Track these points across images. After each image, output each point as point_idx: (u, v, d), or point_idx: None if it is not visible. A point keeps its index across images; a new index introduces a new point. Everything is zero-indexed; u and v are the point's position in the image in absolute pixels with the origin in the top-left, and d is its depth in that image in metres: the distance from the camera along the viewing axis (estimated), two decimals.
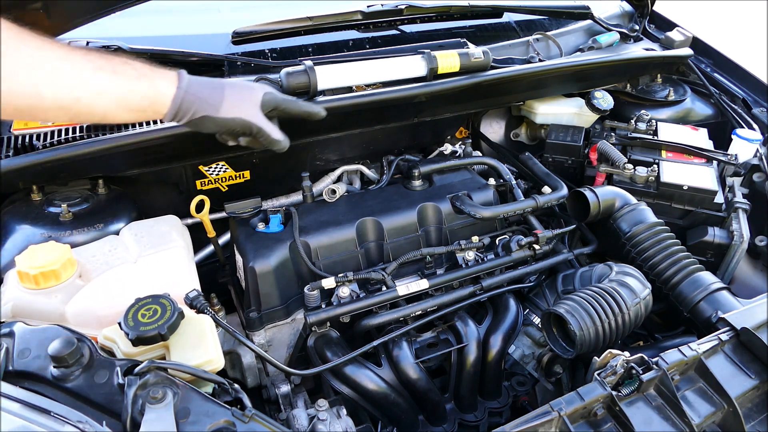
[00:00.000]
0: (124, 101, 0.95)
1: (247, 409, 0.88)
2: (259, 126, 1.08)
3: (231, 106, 1.04)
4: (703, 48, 2.10)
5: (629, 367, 1.01)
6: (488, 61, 1.57)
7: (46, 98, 0.89)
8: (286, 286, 1.30)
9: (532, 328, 1.44)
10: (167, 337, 0.94)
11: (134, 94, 0.96)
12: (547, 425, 0.94)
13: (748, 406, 1.05)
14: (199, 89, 1.02)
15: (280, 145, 1.13)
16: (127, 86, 0.95)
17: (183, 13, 1.76)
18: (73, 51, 0.91)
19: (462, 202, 1.43)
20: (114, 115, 0.97)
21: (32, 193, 1.31)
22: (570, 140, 1.79)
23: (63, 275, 1.07)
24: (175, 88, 1.00)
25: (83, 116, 0.96)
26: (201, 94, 1.02)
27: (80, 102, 0.91)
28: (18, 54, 0.85)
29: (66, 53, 0.90)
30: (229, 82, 1.07)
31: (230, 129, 1.07)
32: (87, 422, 0.78)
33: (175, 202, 1.52)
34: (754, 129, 1.82)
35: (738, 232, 1.53)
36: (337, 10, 1.59)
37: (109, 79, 0.93)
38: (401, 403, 1.28)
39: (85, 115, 0.95)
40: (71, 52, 0.91)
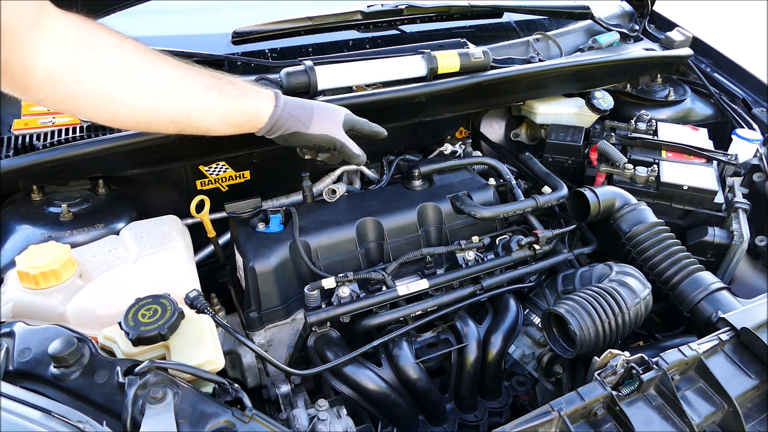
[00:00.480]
0: (227, 117, 1.05)
1: (247, 409, 0.88)
2: (342, 142, 1.19)
3: (319, 124, 1.15)
4: (703, 48, 2.10)
5: (629, 367, 1.01)
6: (488, 61, 1.57)
7: (163, 114, 0.99)
8: (286, 286, 1.30)
9: (532, 328, 1.44)
10: (167, 337, 0.94)
11: (236, 111, 1.06)
12: (547, 425, 0.94)
13: (748, 406, 1.05)
14: (292, 108, 1.12)
15: (359, 159, 1.25)
16: (231, 105, 1.05)
17: (183, 13, 1.76)
18: (188, 70, 1.01)
19: (462, 202, 1.43)
20: (216, 129, 1.07)
21: (32, 193, 1.31)
22: (570, 140, 1.79)
23: (63, 275, 1.07)
24: (272, 106, 1.10)
25: (190, 129, 1.05)
26: (294, 112, 1.12)
27: (191, 117, 1.01)
28: (143, 72, 0.94)
29: (182, 73, 0.99)
30: (317, 104, 1.18)
31: (317, 144, 1.18)
32: (87, 422, 0.78)
33: (175, 202, 1.52)
34: (754, 129, 1.82)
35: (738, 232, 1.53)
36: (337, 10, 1.59)
37: (216, 99, 1.03)
38: (401, 403, 1.28)
39: (191, 128, 1.04)
40: (186, 72, 1.00)
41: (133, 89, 0.94)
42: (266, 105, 1.10)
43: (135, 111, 0.96)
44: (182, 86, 0.99)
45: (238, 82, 1.08)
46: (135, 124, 1.01)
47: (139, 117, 0.97)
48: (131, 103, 0.95)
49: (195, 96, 1.00)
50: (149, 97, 0.96)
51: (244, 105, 1.07)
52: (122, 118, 0.97)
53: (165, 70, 0.97)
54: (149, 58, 0.96)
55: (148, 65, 0.95)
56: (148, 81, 0.95)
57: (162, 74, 0.97)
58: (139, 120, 0.98)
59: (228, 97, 1.04)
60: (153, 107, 0.97)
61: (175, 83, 0.98)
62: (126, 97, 0.94)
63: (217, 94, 1.03)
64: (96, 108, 0.93)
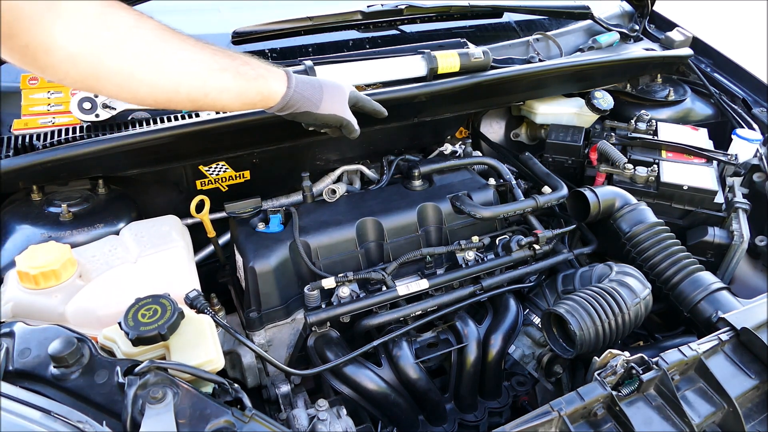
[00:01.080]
0: (242, 97, 1.08)
1: (247, 409, 0.88)
2: (348, 119, 1.23)
3: (328, 103, 1.19)
4: (703, 48, 2.10)
5: (629, 367, 1.01)
6: (488, 61, 1.57)
7: (181, 93, 1.01)
8: (286, 286, 1.30)
9: (532, 328, 1.44)
10: (167, 337, 0.94)
11: (251, 92, 1.09)
12: (547, 425, 0.94)
13: (748, 406, 1.05)
14: (303, 88, 1.15)
15: (356, 134, 1.27)
16: (246, 85, 1.07)
17: (183, 13, 1.76)
18: (204, 50, 1.02)
19: (462, 202, 1.43)
20: (231, 107, 1.11)
21: (32, 193, 1.31)
22: (570, 140, 1.79)
23: (63, 275, 1.07)
24: (285, 87, 1.13)
25: (206, 107, 1.10)
26: (305, 93, 1.15)
27: (208, 97, 1.04)
28: (163, 53, 0.96)
29: (199, 52, 1.01)
30: (325, 83, 1.20)
31: (326, 122, 1.21)
32: (87, 422, 0.78)
33: (175, 202, 1.52)
34: (754, 129, 1.82)
35: (738, 232, 1.53)
36: (337, 10, 1.59)
37: (232, 79, 1.05)
38: (401, 403, 1.28)
39: (208, 106, 1.09)
40: (202, 52, 1.02)
41: (153, 70, 0.96)
42: (280, 86, 1.13)
43: (155, 90, 0.98)
44: (200, 67, 1.01)
45: (253, 62, 1.10)
46: (154, 102, 1.04)
47: (159, 96, 1.00)
48: (152, 83, 0.97)
49: (212, 76, 1.03)
50: (169, 78, 0.98)
51: (259, 86, 1.10)
52: (142, 96, 0.99)
53: (183, 50, 0.99)
54: (167, 38, 0.98)
55: (166, 46, 0.97)
56: (167, 62, 0.97)
57: (181, 55, 0.99)
58: (158, 99, 1.01)
59: (244, 77, 1.07)
60: (172, 87, 0.99)
61: (193, 63, 1.00)
62: (146, 77, 0.96)
63: (233, 75, 1.05)
64: (117, 87, 0.96)
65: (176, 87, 1.00)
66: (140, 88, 0.97)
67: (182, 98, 1.02)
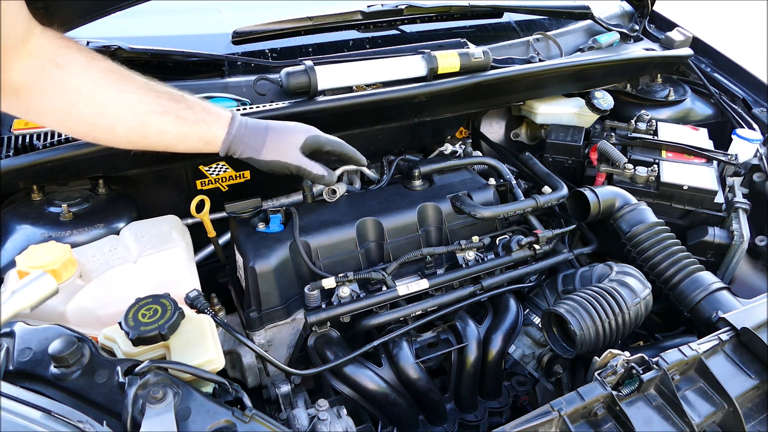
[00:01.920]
0: (183, 140, 1.10)
1: (247, 409, 0.88)
2: (297, 165, 1.20)
3: (271, 150, 1.17)
4: (703, 48, 2.10)
5: (629, 366, 1.01)
6: (488, 61, 1.57)
7: (119, 134, 1.05)
8: (287, 286, 1.30)
9: (532, 328, 1.44)
10: (167, 337, 0.94)
11: (192, 136, 1.10)
12: (548, 425, 0.94)
13: (748, 406, 1.05)
14: (245, 134, 1.15)
15: (324, 180, 1.25)
16: (186, 129, 1.09)
17: (183, 13, 1.76)
18: (148, 93, 1.05)
19: (462, 202, 1.43)
20: (174, 148, 1.11)
21: (32, 193, 1.31)
22: (570, 140, 1.79)
23: (63, 275, 1.07)
24: (224, 133, 1.13)
25: (148, 147, 1.10)
26: (246, 139, 1.15)
27: (147, 138, 1.07)
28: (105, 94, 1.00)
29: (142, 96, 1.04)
30: (273, 128, 1.19)
31: (271, 169, 1.20)
32: (87, 422, 0.78)
33: (175, 202, 1.52)
34: (754, 129, 1.82)
35: (738, 232, 1.53)
36: (337, 10, 1.59)
37: (172, 123, 1.07)
38: (401, 402, 1.28)
39: (149, 147, 1.09)
40: (146, 95, 1.04)
41: (92, 109, 1.00)
42: (220, 131, 1.13)
43: (93, 129, 1.03)
44: (140, 110, 1.04)
45: (196, 107, 1.11)
46: (94, 140, 1.07)
47: (97, 135, 1.04)
48: (90, 122, 1.01)
49: (151, 120, 1.05)
50: (107, 118, 1.02)
51: (200, 130, 1.11)
52: (81, 133, 1.05)
53: (126, 92, 1.02)
54: (113, 81, 1.01)
55: (110, 88, 1.00)
56: (108, 103, 1.01)
57: (122, 96, 1.02)
58: (96, 137, 1.05)
59: (184, 122, 1.08)
60: (109, 127, 1.03)
61: (134, 107, 1.03)
62: (84, 116, 1.00)
63: (174, 118, 1.07)
64: (57, 122, 1.02)
65: (113, 127, 1.03)
66: (79, 126, 1.02)
67: (120, 138, 1.05)
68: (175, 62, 1.46)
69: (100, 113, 1.01)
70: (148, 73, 1.09)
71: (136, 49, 1.40)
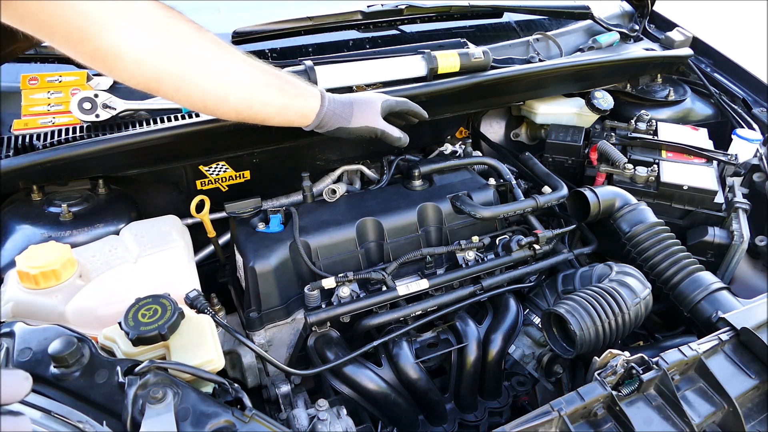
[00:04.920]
0: (282, 113, 1.15)
1: (247, 409, 0.88)
2: (382, 129, 1.29)
3: (359, 117, 1.25)
4: (703, 48, 2.10)
5: (629, 367, 1.01)
6: (488, 61, 1.57)
7: (230, 103, 1.07)
8: (286, 286, 1.30)
9: (532, 328, 1.44)
10: (167, 337, 0.94)
11: (291, 109, 1.15)
12: (547, 425, 0.94)
13: (748, 406, 1.05)
14: (335, 106, 1.22)
15: (401, 142, 1.34)
16: (287, 102, 1.14)
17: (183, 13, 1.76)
18: (254, 65, 1.09)
19: (462, 202, 1.43)
20: (272, 121, 1.15)
21: (32, 193, 1.31)
22: (570, 140, 1.79)
23: (63, 275, 1.07)
24: (319, 106, 1.19)
25: (248, 119, 1.13)
26: (337, 110, 1.22)
27: (252, 109, 1.10)
28: (218, 63, 1.02)
29: (250, 66, 1.07)
30: (356, 99, 1.27)
31: (359, 135, 1.27)
32: (87, 422, 0.78)
33: (175, 202, 1.52)
34: (754, 129, 1.82)
35: (738, 232, 1.53)
36: (337, 10, 1.59)
37: (276, 95, 1.11)
38: (401, 403, 1.28)
39: (250, 118, 1.12)
40: (252, 66, 1.08)
41: (208, 77, 1.02)
42: (315, 105, 1.19)
43: (207, 96, 1.04)
44: (249, 80, 1.07)
45: (294, 81, 1.16)
46: (204, 108, 1.08)
47: (209, 102, 1.05)
48: (205, 90, 1.03)
49: (259, 90, 1.09)
50: (221, 87, 1.04)
51: (299, 104, 1.16)
52: (194, 100, 1.04)
53: (236, 63, 1.05)
54: (223, 50, 1.04)
55: (222, 57, 1.03)
56: (222, 71, 1.03)
57: (234, 66, 1.05)
58: (208, 105, 1.06)
59: (286, 95, 1.13)
60: (223, 96, 1.05)
61: (244, 76, 1.06)
62: (202, 83, 1.02)
63: (277, 91, 1.11)
64: (174, 89, 1.01)
65: (226, 96, 1.05)
66: (193, 93, 1.03)
67: (229, 108, 1.08)
68: None
69: (214, 81, 1.02)
70: None
71: None
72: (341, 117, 1.23)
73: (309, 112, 1.19)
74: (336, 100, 1.23)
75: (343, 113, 1.23)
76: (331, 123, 1.23)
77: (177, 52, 0.97)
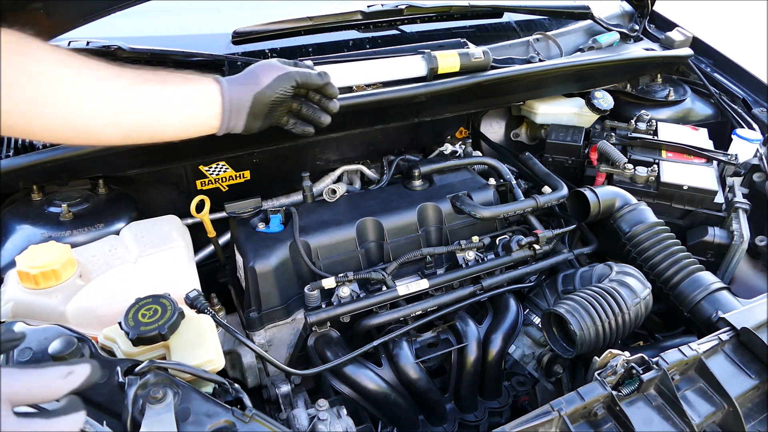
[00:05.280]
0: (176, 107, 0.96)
1: (247, 409, 0.88)
2: (296, 71, 1.09)
3: (266, 75, 1.06)
4: (703, 48, 2.10)
5: (629, 367, 1.01)
6: (488, 61, 1.57)
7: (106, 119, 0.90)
8: (287, 286, 1.30)
9: (532, 328, 1.44)
10: (167, 337, 0.94)
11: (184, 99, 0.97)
12: (548, 425, 0.94)
13: (748, 406, 1.05)
14: (235, 79, 1.04)
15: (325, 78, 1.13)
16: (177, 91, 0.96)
17: (183, 13, 1.76)
18: (124, 68, 0.92)
19: (462, 202, 1.43)
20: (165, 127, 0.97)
21: (32, 193, 1.31)
22: (570, 140, 1.79)
23: (63, 275, 1.07)
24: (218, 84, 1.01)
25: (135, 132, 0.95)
26: (239, 80, 1.04)
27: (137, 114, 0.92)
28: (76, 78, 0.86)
29: (118, 71, 0.91)
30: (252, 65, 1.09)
31: (282, 93, 1.07)
32: (87, 422, 0.78)
33: (175, 202, 1.52)
34: (754, 129, 1.82)
35: (738, 232, 1.53)
36: (337, 10, 1.59)
37: (160, 88, 0.94)
38: (401, 402, 1.28)
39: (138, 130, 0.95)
40: (123, 69, 0.92)
41: (66, 93, 0.85)
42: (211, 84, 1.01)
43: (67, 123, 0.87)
44: (120, 83, 0.90)
45: (176, 72, 1.00)
46: (76, 136, 0.91)
47: (71, 129, 0.89)
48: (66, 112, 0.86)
49: (136, 89, 0.92)
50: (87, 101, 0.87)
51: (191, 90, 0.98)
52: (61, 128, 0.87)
53: (100, 69, 0.90)
54: (83, 60, 0.89)
55: (82, 66, 0.88)
56: (79, 82, 0.87)
57: (97, 73, 0.89)
58: (78, 129, 0.89)
59: (171, 84, 0.96)
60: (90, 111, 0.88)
61: (114, 82, 0.90)
62: (59, 105, 0.85)
63: (159, 83, 0.95)
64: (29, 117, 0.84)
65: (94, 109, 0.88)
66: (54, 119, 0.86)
67: (100, 123, 0.90)
68: (175, 62, 1.46)
69: (78, 96, 0.85)
70: None
71: (136, 49, 1.40)
72: (249, 84, 1.04)
73: (210, 95, 1.00)
74: (234, 76, 1.06)
75: (247, 81, 1.05)
76: (243, 96, 1.03)
77: (29, 71, 0.81)
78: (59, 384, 0.65)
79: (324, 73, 1.14)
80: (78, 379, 0.66)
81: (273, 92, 1.06)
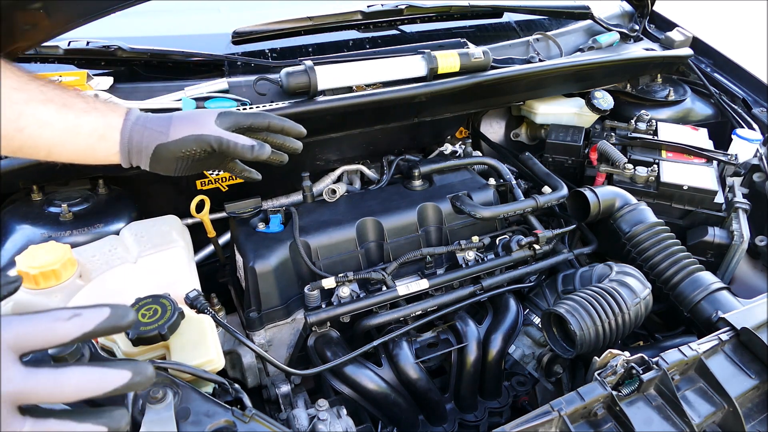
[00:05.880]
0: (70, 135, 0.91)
1: (247, 409, 0.88)
2: (216, 137, 0.97)
3: (179, 128, 0.97)
4: (703, 48, 2.10)
5: (629, 367, 1.01)
6: (488, 61, 1.57)
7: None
8: (286, 286, 1.30)
9: (532, 328, 1.44)
10: (167, 337, 0.94)
11: (82, 129, 0.91)
12: (547, 425, 0.94)
13: (748, 406, 1.05)
14: (146, 121, 0.97)
15: (255, 152, 1.00)
16: (75, 120, 0.90)
17: (183, 13, 1.76)
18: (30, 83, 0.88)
19: (462, 202, 1.43)
20: (60, 150, 0.92)
21: (32, 193, 1.31)
22: (570, 140, 1.79)
23: (63, 275, 1.07)
24: (122, 122, 0.95)
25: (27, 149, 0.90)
26: (149, 124, 0.96)
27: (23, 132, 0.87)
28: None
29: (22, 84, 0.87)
30: (177, 113, 1.01)
31: (188, 151, 0.97)
32: None
33: (175, 202, 1.52)
34: (754, 129, 1.82)
35: (738, 232, 1.53)
36: (337, 10, 1.59)
37: (56, 112, 0.88)
38: (401, 402, 1.28)
39: (29, 148, 0.90)
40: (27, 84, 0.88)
41: None
42: (116, 121, 0.94)
43: None
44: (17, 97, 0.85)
45: (89, 98, 0.94)
46: None
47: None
48: None
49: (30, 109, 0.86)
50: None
51: (91, 122, 0.91)
52: None
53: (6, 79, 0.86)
54: None
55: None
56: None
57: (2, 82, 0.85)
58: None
59: (71, 111, 0.90)
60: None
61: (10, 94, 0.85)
62: None
63: (58, 107, 0.88)
64: None
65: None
66: None
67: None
68: (175, 62, 1.46)
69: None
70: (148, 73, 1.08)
71: (136, 49, 1.40)
72: (155, 131, 0.96)
73: (109, 130, 0.93)
74: (149, 116, 0.98)
75: (157, 127, 0.96)
76: (145, 142, 0.95)
77: None
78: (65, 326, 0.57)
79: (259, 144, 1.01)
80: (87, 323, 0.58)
81: (178, 149, 0.97)
